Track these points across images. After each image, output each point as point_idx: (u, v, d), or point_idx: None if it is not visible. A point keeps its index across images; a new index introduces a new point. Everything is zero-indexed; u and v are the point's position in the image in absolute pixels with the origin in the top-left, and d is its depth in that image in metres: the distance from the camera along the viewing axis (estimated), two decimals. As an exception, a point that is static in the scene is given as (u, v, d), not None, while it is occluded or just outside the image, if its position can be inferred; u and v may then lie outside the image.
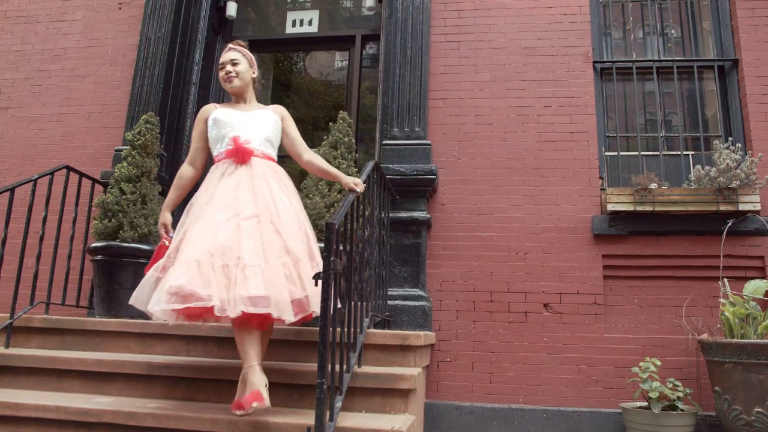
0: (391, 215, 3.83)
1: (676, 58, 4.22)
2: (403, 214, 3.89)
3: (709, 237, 3.72)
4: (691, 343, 3.57)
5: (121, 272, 3.61)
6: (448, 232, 3.97)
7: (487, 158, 4.06)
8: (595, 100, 4.09)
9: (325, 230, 2.22)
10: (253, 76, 2.90)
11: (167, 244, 2.66)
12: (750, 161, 3.62)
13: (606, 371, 3.62)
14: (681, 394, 3.19)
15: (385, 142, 4.07)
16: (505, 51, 4.25)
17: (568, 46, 4.19)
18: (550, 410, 3.58)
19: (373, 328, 3.17)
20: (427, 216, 3.90)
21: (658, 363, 3.28)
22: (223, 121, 2.73)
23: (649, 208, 3.71)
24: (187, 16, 4.72)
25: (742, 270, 3.68)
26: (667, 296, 3.73)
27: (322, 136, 3.92)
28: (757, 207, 3.62)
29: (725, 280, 3.45)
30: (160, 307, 2.32)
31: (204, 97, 4.82)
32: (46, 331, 3.34)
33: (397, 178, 3.89)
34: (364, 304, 2.90)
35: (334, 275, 2.24)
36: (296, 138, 2.90)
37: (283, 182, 2.72)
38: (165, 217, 2.81)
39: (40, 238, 3.47)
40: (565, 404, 3.60)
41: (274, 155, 2.81)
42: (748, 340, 3.04)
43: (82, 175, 3.82)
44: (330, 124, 3.81)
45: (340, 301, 2.39)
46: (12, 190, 3.32)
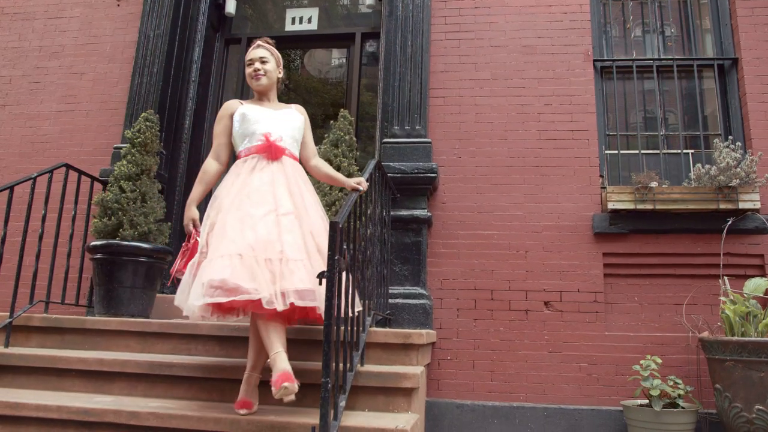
0: (392, 213, 3.82)
1: (676, 57, 4.23)
2: (404, 213, 3.89)
3: (709, 235, 3.73)
4: (691, 341, 3.58)
5: (120, 271, 3.59)
6: (448, 231, 3.96)
7: (488, 156, 4.06)
8: (595, 99, 4.09)
9: (330, 229, 2.22)
10: (279, 76, 2.90)
11: (198, 239, 2.62)
12: (750, 160, 3.63)
13: (606, 369, 3.63)
14: (682, 392, 3.20)
15: (385, 141, 4.06)
16: (505, 49, 4.25)
17: (568, 45, 4.19)
18: (551, 408, 3.58)
19: (375, 326, 3.17)
20: (428, 214, 3.90)
21: (659, 361, 3.29)
22: (251, 117, 2.72)
23: (649, 207, 3.72)
24: (186, 13, 4.70)
25: (742, 268, 3.69)
26: (668, 294, 3.74)
27: (322, 135, 3.91)
28: (757, 205, 3.63)
29: (725, 278, 3.46)
30: (202, 302, 2.27)
31: (203, 95, 4.80)
32: (46, 330, 3.32)
33: (398, 176, 3.88)
34: (367, 302, 2.89)
35: (338, 273, 2.24)
36: (309, 141, 2.94)
37: (306, 182, 2.77)
38: (192, 212, 2.74)
39: (40, 237, 3.45)
40: (566, 402, 3.60)
41: (298, 155, 2.85)
42: (749, 338, 3.05)
43: (81, 173, 3.80)
44: (331, 122, 3.80)
45: (344, 300, 2.38)
46: (11, 189, 3.29)
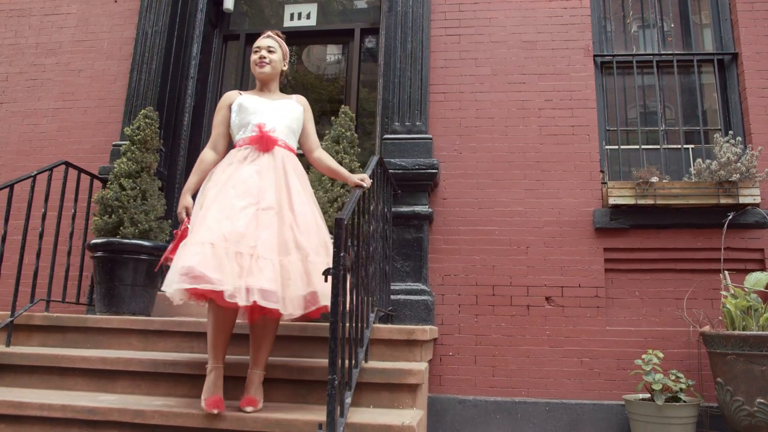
0: (393, 210, 3.82)
1: (677, 52, 4.23)
2: (405, 209, 3.88)
3: (709, 230, 3.74)
4: (692, 335, 3.60)
5: (121, 269, 3.57)
6: (449, 227, 3.96)
7: (489, 152, 4.06)
8: (595, 94, 4.09)
9: (335, 226, 2.21)
10: (284, 69, 2.91)
11: (188, 227, 2.63)
12: (750, 154, 3.64)
13: (608, 364, 3.64)
14: (683, 386, 3.21)
15: (386, 137, 4.05)
16: (505, 44, 4.24)
17: (568, 40, 4.19)
18: (553, 403, 3.60)
19: (377, 322, 3.16)
20: (429, 210, 3.90)
21: (661, 355, 3.30)
22: (248, 108, 2.72)
23: (650, 202, 3.73)
24: (184, 10, 4.67)
25: (742, 262, 3.70)
26: (668, 289, 3.75)
27: (320, 131, 3.89)
28: (757, 200, 3.64)
29: (726, 273, 3.47)
30: (172, 288, 2.30)
31: (202, 92, 4.78)
32: (47, 328, 3.31)
33: (399, 172, 3.88)
34: (370, 299, 2.89)
35: (344, 271, 2.24)
36: (311, 132, 2.91)
37: (300, 174, 2.73)
38: (186, 200, 2.75)
39: (40, 235, 3.43)
40: (568, 397, 3.61)
41: (295, 147, 2.82)
42: (750, 332, 3.06)
43: (80, 171, 3.78)
44: (332, 118, 3.79)
45: (349, 297, 2.38)
46: (11, 187, 3.27)
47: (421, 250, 3.85)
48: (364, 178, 2.74)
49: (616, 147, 4.10)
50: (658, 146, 4.09)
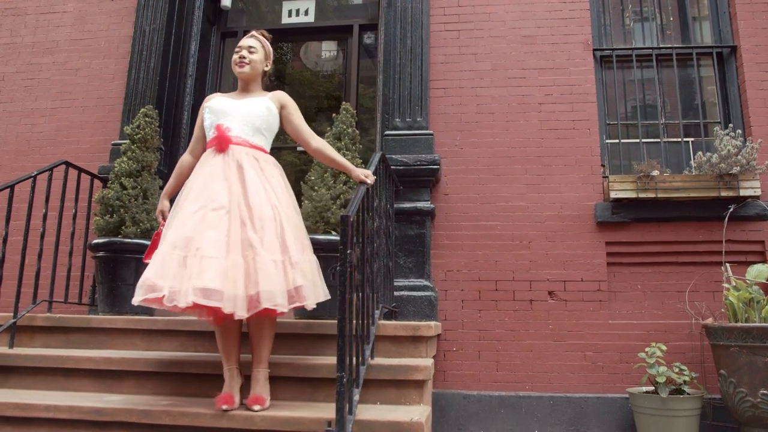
0: (396, 206, 3.81)
1: (676, 46, 4.24)
2: (407, 205, 3.88)
3: (710, 223, 3.75)
4: (694, 328, 3.61)
5: (124, 268, 3.56)
6: (451, 222, 3.96)
7: (490, 147, 4.06)
8: (595, 88, 4.10)
9: (341, 223, 2.21)
10: (266, 69, 2.88)
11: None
12: (750, 147, 3.65)
13: (611, 357, 3.65)
14: (687, 378, 3.23)
15: (387, 133, 4.05)
16: (505, 39, 4.23)
17: (568, 34, 4.19)
18: (557, 397, 3.61)
19: (382, 319, 3.16)
20: (431, 206, 3.90)
21: (664, 348, 3.32)
22: (215, 110, 2.73)
23: (651, 195, 3.73)
24: (182, 7, 4.64)
25: (743, 255, 3.72)
26: (670, 282, 3.76)
27: (316, 128, 3.89)
28: (758, 192, 3.65)
29: (727, 265, 3.49)
30: (135, 300, 2.38)
31: (200, 90, 4.75)
32: (50, 329, 3.30)
33: (401, 168, 3.87)
34: (375, 295, 2.89)
35: (350, 267, 2.24)
36: (300, 124, 2.82)
37: (263, 170, 2.63)
38: (163, 204, 2.86)
39: (41, 236, 3.42)
40: (572, 390, 3.63)
41: (262, 143, 2.73)
42: (753, 324, 3.08)
43: (80, 171, 3.76)
44: (333, 115, 3.77)
45: (355, 294, 2.38)
46: (11, 187, 3.25)
47: (424, 246, 3.85)
48: (368, 175, 2.72)
49: (617, 141, 4.11)
50: (658, 140, 4.10)
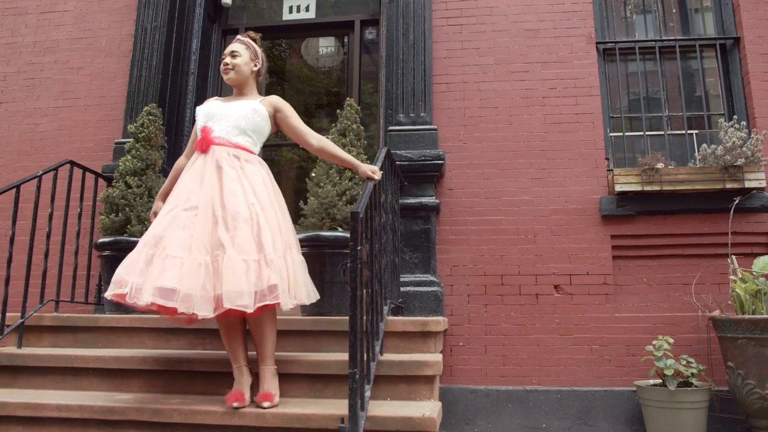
0: (401, 201, 3.81)
1: (679, 38, 4.23)
2: (412, 200, 3.88)
3: (715, 215, 3.76)
4: (701, 320, 3.62)
5: (130, 267, 3.55)
6: (456, 217, 3.96)
7: (494, 142, 4.05)
8: (599, 81, 4.09)
9: (351, 219, 2.21)
10: (254, 69, 2.85)
11: None
12: (755, 139, 3.65)
13: (618, 350, 3.66)
14: (695, 371, 3.23)
15: (390, 128, 4.04)
16: (507, 33, 4.22)
17: (570, 28, 4.18)
18: (564, 390, 3.62)
19: (389, 315, 3.16)
20: (436, 201, 3.89)
21: (671, 341, 3.32)
22: (205, 113, 2.75)
23: (656, 188, 3.73)
24: (183, 5, 4.62)
25: (749, 246, 3.72)
26: (676, 274, 3.77)
27: (316, 124, 3.88)
28: (763, 184, 3.65)
29: (733, 257, 3.49)
30: (106, 294, 2.45)
31: (202, 87, 4.74)
32: (58, 329, 3.30)
33: (405, 164, 3.87)
34: (383, 291, 2.89)
35: (360, 264, 2.24)
36: (298, 126, 2.81)
37: (242, 168, 2.59)
38: (157, 206, 2.87)
39: (47, 235, 3.41)
40: (579, 384, 3.63)
41: (248, 144, 2.69)
42: (761, 316, 3.08)
43: (85, 170, 3.75)
44: (338, 111, 3.77)
45: (365, 289, 2.37)
46: (18, 187, 3.25)
47: (429, 242, 3.85)
48: (376, 170, 2.72)
49: (621, 134, 4.10)
50: (662, 132, 4.10)
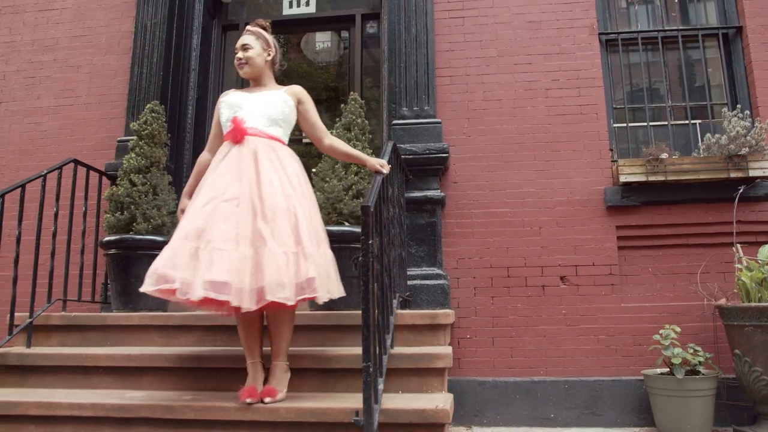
0: (406, 195, 3.81)
1: (681, 28, 4.23)
2: (417, 194, 3.88)
3: (720, 204, 3.76)
4: (706, 309, 3.64)
5: (136, 265, 3.55)
6: (462, 210, 3.96)
7: (498, 134, 4.05)
8: (602, 72, 4.09)
9: (362, 213, 2.21)
10: (268, 59, 2.83)
11: None
12: (759, 128, 3.66)
13: (624, 340, 3.67)
14: (702, 359, 3.25)
15: (395, 122, 4.03)
16: (510, 25, 4.21)
17: (573, 19, 4.17)
18: (572, 381, 3.63)
19: (397, 308, 3.17)
20: (441, 194, 3.89)
21: (678, 330, 3.34)
22: (230, 104, 2.74)
23: (660, 178, 3.74)
24: (182, 1, 4.59)
25: (754, 235, 3.73)
26: (681, 264, 3.78)
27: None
28: (767, 173, 3.67)
29: (738, 246, 3.50)
30: (144, 288, 2.36)
31: (204, 84, 4.72)
32: (66, 328, 3.30)
33: (410, 157, 3.86)
34: (392, 284, 2.90)
35: (372, 257, 2.24)
36: (316, 122, 2.83)
37: (280, 160, 2.61)
38: (183, 203, 2.82)
39: (53, 234, 3.40)
40: (586, 374, 3.65)
41: (280, 135, 2.71)
42: (767, 303, 3.10)
43: (89, 168, 3.74)
44: (342, 105, 3.76)
45: (376, 284, 2.38)
46: (23, 187, 3.23)
47: (435, 235, 3.86)
48: (384, 164, 2.72)
49: (624, 125, 4.11)
50: (666, 122, 4.10)
